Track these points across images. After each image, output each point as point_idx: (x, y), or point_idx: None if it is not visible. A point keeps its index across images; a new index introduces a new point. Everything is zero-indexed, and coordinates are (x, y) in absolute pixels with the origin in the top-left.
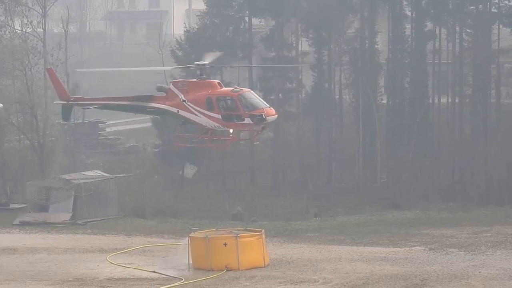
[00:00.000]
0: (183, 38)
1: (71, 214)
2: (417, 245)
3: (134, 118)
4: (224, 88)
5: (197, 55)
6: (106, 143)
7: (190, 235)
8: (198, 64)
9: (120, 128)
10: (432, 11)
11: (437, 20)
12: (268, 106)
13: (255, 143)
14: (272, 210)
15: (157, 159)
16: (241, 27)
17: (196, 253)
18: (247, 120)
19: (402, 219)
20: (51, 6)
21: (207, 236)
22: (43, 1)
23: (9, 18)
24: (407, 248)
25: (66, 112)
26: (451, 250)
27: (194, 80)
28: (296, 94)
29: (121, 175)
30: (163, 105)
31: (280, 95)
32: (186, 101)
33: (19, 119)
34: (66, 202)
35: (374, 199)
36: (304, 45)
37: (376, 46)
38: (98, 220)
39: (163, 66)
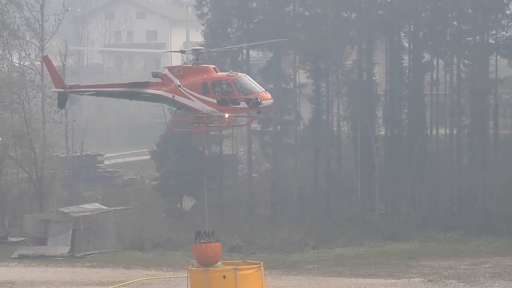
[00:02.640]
0: None
1: (69, 247)
2: (416, 277)
3: (133, 151)
4: (219, 73)
5: None
6: (104, 176)
7: (189, 267)
8: (194, 49)
9: (119, 160)
10: (429, 42)
11: (435, 52)
12: (264, 90)
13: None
14: (271, 242)
15: (156, 192)
16: (239, 59)
17: (195, 285)
18: (243, 104)
19: (400, 251)
20: (48, 39)
21: (206, 269)
22: (41, 34)
23: (7, 52)
24: (406, 280)
25: (62, 99)
26: (450, 281)
27: (190, 65)
28: (294, 126)
29: (120, 208)
30: (159, 91)
31: (278, 127)
32: (181, 86)
33: (17, 152)
34: (65, 235)
35: (372, 231)
36: (302, 77)
37: (374, 77)
38: (96, 253)
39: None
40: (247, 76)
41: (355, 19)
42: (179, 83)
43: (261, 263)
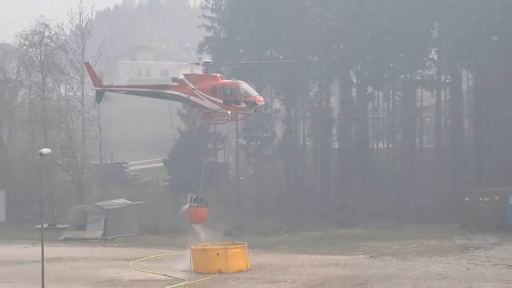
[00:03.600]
0: None
1: (102, 231)
2: (360, 254)
3: (151, 159)
4: (225, 80)
5: (198, 114)
6: (128, 179)
7: (191, 247)
8: (205, 61)
9: (139, 167)
10: (372, 79)
11: (376, 86)
12: (258, 94)
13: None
14: (254, 228)
15: (167, 190)
16: None
17: (196, 260)
18: (243, 104)
19: (350, 235)
20: (87, 76)
21: (204, 248)
22: (82, 71)
23: (56, 85)
24: (353, 256)
25: (99, 96)
26: (386, 257)
27: (201, 73)
28: (271, 141)
29: (140, 202)
30: (177, 92)
31: (258, 142)
32: (195, 89)
33: (63, 160)
34: (99, 223)
35: (330, 220)
36: (277, 104)
37: (330, 105)
38: (122, 236)
39: (172, 120)
40: (246, 84)
41: (316, 61)
42: (193, 87)
43: (245, 244)
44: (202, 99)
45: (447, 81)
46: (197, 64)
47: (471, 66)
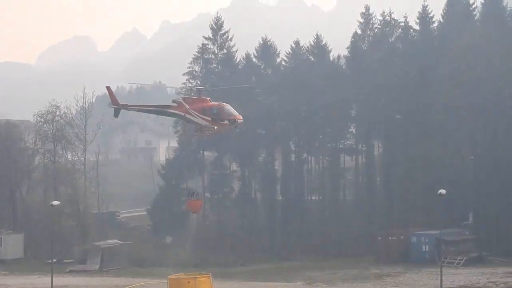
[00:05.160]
0: (164, 163)
1: (99, 265)
2: (299, 282)
3: (137, 209)
4: (213, 103)
5: (174, 174)
6: (120, 224)
7: (168, 277)
8: (198, 88)
9: (128, 215)
10: (306, 147)
11: (309, 152)
12: (238, 114)
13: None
14: (216, 261)
15: (149, 233)
16: (198, 156)
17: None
18: (226, 122)
19: (291, 266)
20: (89, 144)
21: (178, 278)
22: (84, 142)
23: (64, 152)
24: (294, 283)
25: (117, 112)
26: (319, 284)
27: (195, 97)
28: (230, 195)
29: (128, 242)
30: (176, 111)
31: (220, 194)
32: (190, 109)
33: (69, 210)
34: (97, 258)
35: (275, 255)
36: (234, 166)
37: (275, 167)
38: (115, 269)
39: (154, 179)
40: (229, 106)
41: (264, 134)
42: (188, 107)
43: (210, 274)
44: (195, 117)
45: (363, 148)
46: (192, 89)
47: (381, 137)
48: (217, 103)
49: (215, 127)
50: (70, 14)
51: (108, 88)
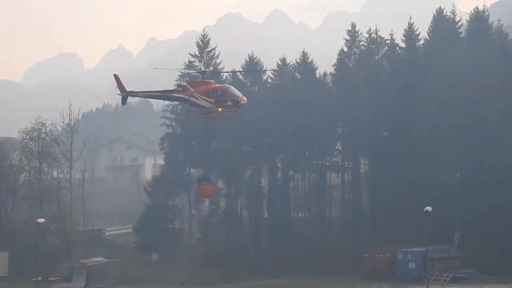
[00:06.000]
0: (151, 181)
1: (84, 283)
2: None
3: (123, 226)
4: (217, 85)
5: (160, 192)
6: (106, 241)
7: None
8: (202, 71)
9: (114, 232)
10: (292, 164)
11: (296, 169)
12: (242, 95)
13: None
14: (203, 279)
15: (135, 250)
16: (185, 173)
17: None
18: (229, 103)
19: (277, 284)
20: (75, 162)
21: None
22: (70, 160)
23: (50, 169)
24: None
25: (124, 99)
26: None
27: (199, 80)
28: (216, 212)
29: (114, 259)
30: (181, 95)
31: (207, 212)
32: (194, 92)
33: (55, 227)
34: (82, 276)
35: (261, 272)
36: (220, 183)
37: (261, 184)
38: (100, 286)
39: (140, 196)
40: (233, 87)
41: (250, 151)
42: (193, 90)
43: None
44: (199, 99)
45: (349, 166)
46: (195, 72)
47: (367, 154)
48: (221, 85)
49: (219, 109)
50: (57, 31)
51: (115, 75)
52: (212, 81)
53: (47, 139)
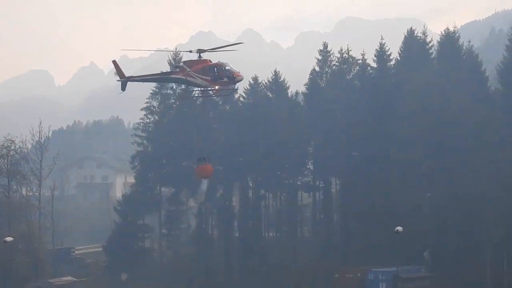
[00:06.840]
0: (121, 199)
1: None
2: None
3: (92, 245)
4: (213, 62)
5: (130, 210)
6: (75, 260)
7: None
8: (199, 49)
9: (83, 251)
10: (264, 183)
11: (267, 188)
12: (238, 71)
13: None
14: None
15: (105, 269)
16: (155, 191)
17: None
18: (225, 79)
19: None
20: (45, 179)
21: None
22: (39, 177)
23: (19, 187)
24: None
25: (124, 85)
26: None
27: (196, 59)
28: (186, 231)
29: (83, 279)
30: (178, 75)
31: (177, 231)
32: (190, 71)
33: (23, 246)
34: None
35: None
36: (191, 202)
37: (232, 203)
38: None
39: (110, 215)
40: (229, 64)
41: (222, 170)
42: (189, 70)
43: None
44: (195, 78)
45: (320, 185)
46: (191, 51)
47: (338, 174)
48: (216, 62)
49: (216, 87)
50: (27, 47)
51: (114, 62)
52: (208, 59)
53: (16, 157)
